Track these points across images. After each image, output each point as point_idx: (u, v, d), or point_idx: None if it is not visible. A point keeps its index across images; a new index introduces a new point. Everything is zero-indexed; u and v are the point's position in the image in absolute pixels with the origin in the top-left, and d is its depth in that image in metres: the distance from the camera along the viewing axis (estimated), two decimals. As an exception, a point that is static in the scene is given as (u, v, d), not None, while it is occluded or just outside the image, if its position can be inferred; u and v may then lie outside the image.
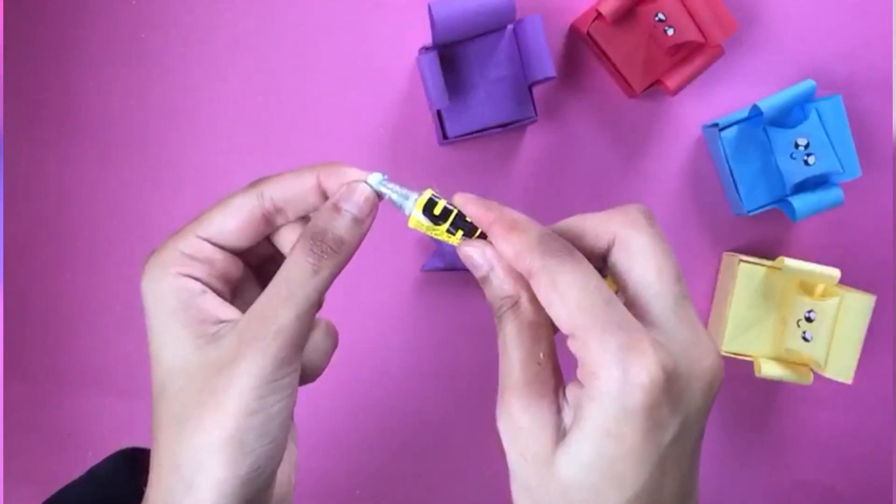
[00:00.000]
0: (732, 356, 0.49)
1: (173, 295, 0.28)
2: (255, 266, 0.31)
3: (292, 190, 0.29)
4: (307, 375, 0.30)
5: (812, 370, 0.48)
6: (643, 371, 0.24)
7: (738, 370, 0.50)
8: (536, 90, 0.47)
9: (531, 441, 0.26)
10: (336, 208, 0.28)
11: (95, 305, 0.50)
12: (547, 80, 0.45)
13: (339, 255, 0.28)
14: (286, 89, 0.49)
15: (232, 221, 0.29)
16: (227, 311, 0.28)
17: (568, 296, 0.26)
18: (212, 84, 0.49)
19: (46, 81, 0.48)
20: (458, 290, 0.50)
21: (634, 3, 0.45)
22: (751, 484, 0.53)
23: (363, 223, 0.29)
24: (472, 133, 0.46)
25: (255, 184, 0.29)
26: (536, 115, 0.47)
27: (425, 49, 0.45)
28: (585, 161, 0.50)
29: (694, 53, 0.46)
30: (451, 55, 0.46)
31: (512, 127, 0.47)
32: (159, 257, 0.28)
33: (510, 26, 0.45)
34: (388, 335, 0.50)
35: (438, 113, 0.46)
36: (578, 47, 0.49)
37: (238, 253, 0.30)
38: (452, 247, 0.34)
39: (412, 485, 0.51)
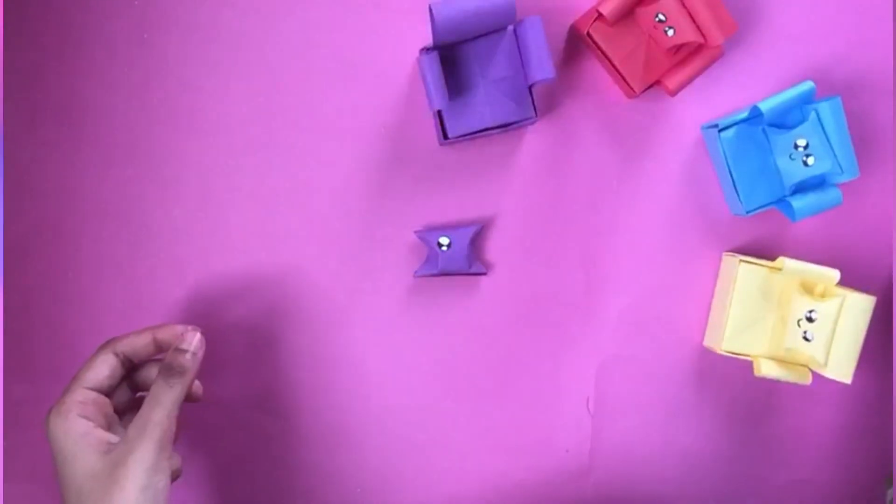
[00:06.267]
0: (732, 356, 0.49)
1: (77, 429, 0.39)
2: (122, 406, 0.44)
3: (135, 344, 0.43)
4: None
5: (811, 370, 0.48)
6: None
7: (737, 370, 0.50)
8: (536, 90, 0.48)
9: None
10: (179, 350, 0.42)
11: (95, 305, 0.50)
12: (546, 81, 0.45)
13: (184, 377, 0.41)
14: (287, 89, 0.49)
15: (104, 371, 0.42)
16: (112, 435, 0.40)
17: None
18: (213, 84, 0.49)
19: (46, 81, 0.48)
20: (450, 294, 0.50)
21: (634, 3, 0.45)
22: (749, 483, 0.53)
23: (197, 356, 0.43)
24: (472, 133, 0.46)
25: (108, 343, 0.43)
26: (536, 115, 0.47)
27: (426, 49, 0.45)
28: (585, 161, 0.50)
29: (694, 54, 0.47)
30: (452, 56, 0.46)
31: (512, 127, 0.47)
32: (62, 407, 0.40)
33: (510, 27, 0.45)
34: (382, 338, 0.51)
35: (439, 113, 0.46)
36: (579, 48, 0.50)
37: (109, 394, 0.42)
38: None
39: (411, 484, 0.52)
